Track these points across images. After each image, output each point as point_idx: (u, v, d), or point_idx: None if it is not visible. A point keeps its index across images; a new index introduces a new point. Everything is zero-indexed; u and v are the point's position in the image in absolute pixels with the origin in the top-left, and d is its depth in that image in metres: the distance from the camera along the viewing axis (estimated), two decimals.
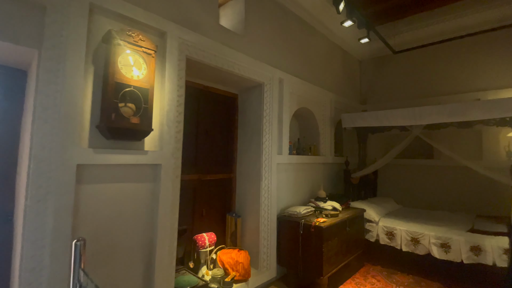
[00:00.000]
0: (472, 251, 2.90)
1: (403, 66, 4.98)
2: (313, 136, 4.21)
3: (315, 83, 4.06)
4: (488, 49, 4.15)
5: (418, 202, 4.61)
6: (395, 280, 3.21)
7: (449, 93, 4.41)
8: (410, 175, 4.77)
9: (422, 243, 3.22)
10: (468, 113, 3.08)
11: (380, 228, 3.59)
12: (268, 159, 3.15)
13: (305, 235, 2.88)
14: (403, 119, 3.56)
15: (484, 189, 3.99)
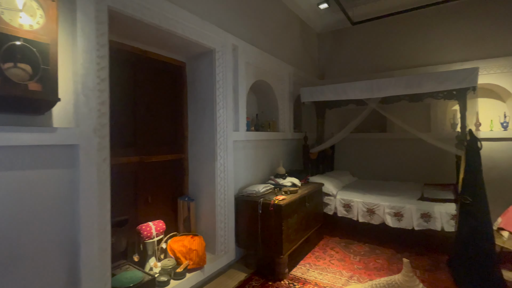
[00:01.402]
0: (423, 218, 3.04)
1: (361, 40, 4.92)
2: (272, 111, 3.99)
3: (274, 54, 3.77)
4: (440, 23, 4.24)
5: (373, 174, 4.78)
6: (352, 250, 3.28)
7: (404, 67, 4.47)
8: (365, 148, 4.89)
9: (377, 213, 3.30)
10: (423, 85, 3.10)
11: (338, 201, 3.61)
12: (224, 136, 2.85)
13: (264, 215, 2.71)
14: (361, 92, 3.49)
15: (432, 159, 4.24)
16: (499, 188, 3.71)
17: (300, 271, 2.81)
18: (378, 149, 4.77)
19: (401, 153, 4.55)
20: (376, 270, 2.79)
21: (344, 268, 2.84)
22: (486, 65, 3.81)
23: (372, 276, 2.65)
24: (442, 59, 4.21)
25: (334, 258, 3.09)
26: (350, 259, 3.05)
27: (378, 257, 3.08)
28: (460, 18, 4.09)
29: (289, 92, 4.15)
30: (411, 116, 4.43)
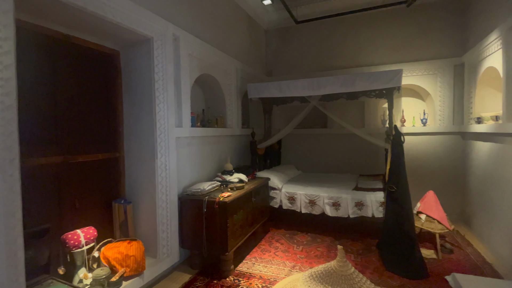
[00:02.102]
0: (357, 206, 3.33)
1: (305, 39, 5.13)
2: (219, 107, 3.91)
3: (220, 48, 3.68)
4: (373, 28, 4.66)
5: (315, 167, 5.08)
6: (296, 240, 3.44)
7: (343, 67, 4.82)
8: (309, 143, 5.17)
9: (317, 204, 3.51)
10: (357, 84, 3.35)
11: (283, 194, 3.74)
12: (164, 132, 2.68)
13: (209, 213, 2.65)
14: (303, 89, 3.64)
15: (366, 152, 4.68)
16: (419, 176, 4.28)
17: (246, 266, 2.84)
18: (319, 143, 5.08)
19: (340, 147, 4.93)
20: (317, 258, 2.97)
21: (287, 259, 2.96)
22: (409, 67, 4.32)
23: (313, 264, 2.81)
24: (374, 61, 4.64)
25: (279, 249, 3.20)
26: (293, 249, 3.20)
27: (318, 245, 3.28)
28: (389, 24, 4.54)
29: (237, 88, 4.12)
30: (348, 113, 4.83)
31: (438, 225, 3.05)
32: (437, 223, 3.07)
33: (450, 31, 4.20)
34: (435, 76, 4.27)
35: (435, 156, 4.33)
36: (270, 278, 2.58)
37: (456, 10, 4.16)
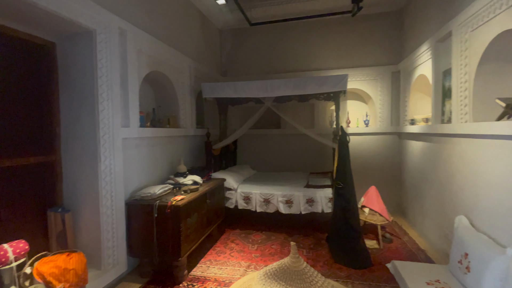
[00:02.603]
0: (308, 203, 3.49)
1: (259, 41, 5.21)
2: (172, 106, 3.76)
3: (172, 45, 3.54)
4: (322, 34, 4.93)
5: (270, 166, 5.22)
6: (251, 239, 3.47)
7: (294, 71, 5.02)
8: (263, 143, 5.28)
9: (272, 202, 3.60)
10: (307, 87, 3.51)
11: (239, 194, 3.75)
12: (109, 133, 2.47)
13: (160, 218, 2.52)
14: (258, 91, 3.69)
15: (316, 151, 4.94)
16: (362, 173, 4.66)
17: (201, 269, 2.78)
18: (274, 143, 5.22)
19: (293, 146, 5.13)
20: (271, 255, 3.04)
21: (243, 259, 2.97)
22: (354, 73, 4.68)
23: (267, 262, 2.87)
24: (322, 65, 4.92)
25: (234, 250, 3.19)
26: (248, 248, 3.22)
27: (273, 243, 3.36)
28: (337, 32, 4.86)
29: (191, 87, 4.00)
30: (299, 115, 5.06)
31: (380, 217, 3.36)
32: (378, 215, 3.38)
33: (389, 41, 4.66)
34: (376, 82, 4.69)
35: (376, 154, 4.77)
36: (225, 280, 2.56)
37: (393, 22, 4.62)
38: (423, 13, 3.66)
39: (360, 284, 2.47)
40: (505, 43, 2.13)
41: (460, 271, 2.20)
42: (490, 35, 2.20)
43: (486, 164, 2.24)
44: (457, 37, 2.66)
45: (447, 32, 2.86)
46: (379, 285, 2.45)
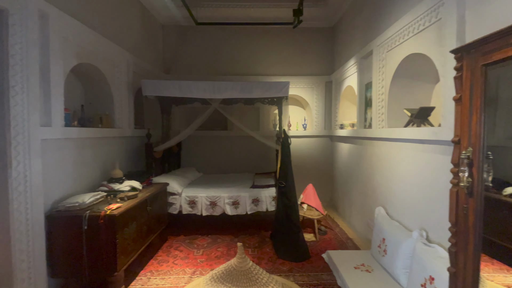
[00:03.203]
0: (253, 203, 3.60)
1: (206, 41, 5.13)
2: (105, 103, 3.40)
3: (107, 36, 3.20)
4: (268, 42, 5.14)
5: (216, 168, 5.18)
6: (196, 244, 3.38)
7: (241, 74, 5.12)
8: (210, 145, 5.21)
9: (218, 204, 3.58)
10: (253, 91, 3.62)
11: (183, 198, 3.61)
12: (23, 133, 2.09)
13: (91, 230, 2.25)
14: (204, 92, 3.63)
15: (262, 152, 5.12)
16: (301, 172, 5.02)
17: (140, 282, 2.58)
18: (220, 145, 5.21)
19: (239, 148, 5.21)
20: (217, 258, 3.02)
21: (187, 266, 2.87)
22: (294, 80, 5.02)
23: (213, 266, 2.84)
24: (267, 71, 5.15)
25: (178, 257, 3.06)
26: (193, 254, 3.14)
27: (219, 245, 3.35)
28: (280, 41, 5.14)
29: (129, 83, 3.69)
30: (245, 117, 5.17)
31: (316, 212, 3.68)
32: (315, 210, 3.69)
33: (323, 54, 5.15)
34: (312, 89, 5.14)
35: (312, 155, 5.21)
36: None
37: (328, 37, 5.13)
38: (350, 32, 4.17)
39: (300, 276, 2.66)
40: (412, 64, 2.60)
41: (379, 254, 2.58)
42: (401, 56, 2.65)
43: (397, 163, 2.68)
44: (376, 55, 3.12)
45: (369, 51, 3.33)
46: (317, 274, 2.69)
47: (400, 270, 2.26)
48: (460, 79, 1.33)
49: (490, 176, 1.41)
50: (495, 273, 1.76)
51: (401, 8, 2.63)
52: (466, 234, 1.31)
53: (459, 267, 1.34)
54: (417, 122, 2.54)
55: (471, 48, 1.26)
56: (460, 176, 1.30)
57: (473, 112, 1.26)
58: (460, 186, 1.31)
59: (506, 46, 1.08)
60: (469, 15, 1.79)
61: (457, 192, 1.34)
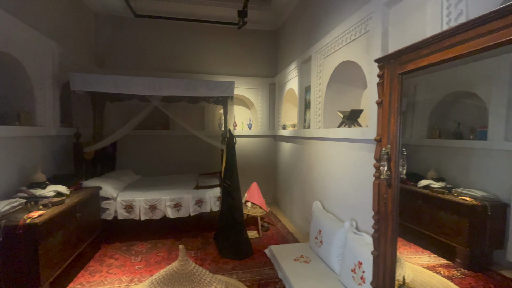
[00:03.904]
0: (197, 204, 3.53)
1: (147, 35, 4.84)
2: (24, 98, 2.96)
3: (25, 20, 2.77)
4: (214, 40, 5.08)
5: (157, 170, 4.92)
6: (134, 251, 3.17)
7: (184, 71, 4.95)
8: (150, 145, 4.93)
9: (159, 208, 3.42)
10: (197, 90, 3.55)
11: (119, 203, 3.35)
12: None
13: (8, 242, 1.94)
14: (143, 88, 3.42)
15: (207, 152, 5.05)
16: (246, 171, 5.12)
17: None
18: (162, 145, 4.97)
19: (183, 148, 5.04)
20: (157, 264, 2.88)
21: (124, 274, 2.68)
22: (239, 81, 5.09)
23: (153, 271, 2.70)
24: (212, 70, 5.10)
25: (113, 266, 2.83)
26: (131, 261, 2.93)
27: (159, 250, 3.20)
28: (226, 40, 5.14)
29: (54, 76, 3.26)
30: (190, 116, 5.04)
31: (259, 209, 3.80)
32: (258, 208, 3.81)
33: (268, 56, 5.34)
34: (257, 91, 5.28)
35: (257, 154, 5.36)
36: None
37: (271, 40, 5.34)
38: (292, 37, 4.42)
39: (243, 273, 2.72)
40: (345, 70, 2.89)
41: (316, 245, 2.81)
42: (335, 62, 2.92)
43: (332, 160, 2.95)
44: (314, 61, 3.38)
45: (308, 56, 3.58)
46: (260, 270, 2.78)
47: (334, 258, 2.49)
48: (382, 85, 1.53)
49: (405, 170, 1.67)
50: (412, 255, 2.07)
51: (336, 18, 2.91)
52: (386, 220, 1.51)
53: (381, 250, 1.55)
54: (348, 123, 2.83)
55: (391, 59, 1.45)
56: (381, 170, 1.49)
57: (391, 114, 1.46)
58: (381, 179, 1.50)
59: (417, 58, 1.26)
60: (391, 29, 2.07)
61: (378, 184, 1.54)
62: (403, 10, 1.95)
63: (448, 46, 1.05)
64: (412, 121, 2.33)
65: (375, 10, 2.16)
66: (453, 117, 2.01)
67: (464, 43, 0.98)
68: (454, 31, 1.01)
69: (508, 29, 0.85)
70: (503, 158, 1.61)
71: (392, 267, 1.45)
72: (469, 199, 1.72)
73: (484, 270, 1.66)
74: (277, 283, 2.53)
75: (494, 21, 0.89)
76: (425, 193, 1.97)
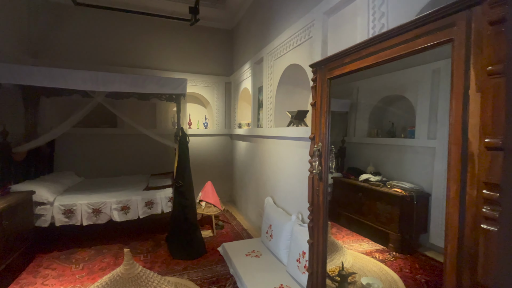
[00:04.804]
0: (147, 206, 3.39)
1: (89, 25, 4.45)
2: None
3: None
4: (165, 35, 4.89)
5: (103, 171, 4.58)
6: (75, 259, 2.93)
7: (133, 66, 4.68)
8: (95, 144, 4.56)
9: (104, 211, 3.20)
10: (146, 86, 3.39)
11: (56, 208, 3.05)
12: None
13: None
14: (85, 83, 3.15)
15: (159, 151, 4.85)
16: (202, 170, 5.06)
17: None
18: (108, 144, 4.64)
19: (132, 148, 4.78)
20: (102, 270, 2.71)
21: (62, 284, 2.46)
22: (194, 78, 5.00)
23: (96, 278, 2.54)
24: (164, 66, 4.91)
25: (49, 277, 2.58)
26: (71, 270, 2.71)
27: (104, 256, 3.00)
28: (179, 36, 4.99)
29: None
30: (140, 113, 4.80)
31: (214, 208, 3.80)
32: (213, 207, 3.81)
33: (223, 55, 5.33)
34: (212, 89, 5.25)
35: (212, 153, 5.33)
36: None
37: (227, 39, 5.33)
38: (246, 38, 4.49)
39: (195, 272, 2.70)
40: (293, 72, 3.04)
41: (267, 239, 2.92)
42: (284, 65, 3.06)
43: (282, 157, 3.09)
44: (266, 62, 3.49)
45: (260, 57, 3.68)
46: (212, 268, 2.79)
47: (282, 250, 2.62)
48: (315, 89, 1.65)
49: (333, 164, 1.84)
50: (354, 243, 2.28)
51: (284, 23, 3.03)
52: (318, 211, 1.64)
53: (315, 238, 1.68)
54: (296, 122, 2.99)
55: (322, 65, 1.58)
56: (313, 165, 1.62)
57: (322, 115, 1.59)
58: (314, 173, 1.63)
59: (342, 65, 1.40)
60: (330, 36, 2.24)
61: (312, 178, 1.67)
62: (340, 19, 2.13)
63: (364, 56, 1.19)
64: (355, 121, 2.56)
65: (316, 18, 2.32)
66: (388, 118, 2.27)
67: (376, 54, 1.13)
68: (368, 43, 1.15)
69: (405, 44, 1.01)
70: (426, 154, 1.86)
71: (324, 253, 1.59)
72: (399, 190, 1.96)
73: (412, 253, 1.91)
74: (228, 279, 2.57)
75: (394, 37, 1.04)
76: (365, 186, 2.18)
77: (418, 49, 0.98)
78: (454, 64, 0.87)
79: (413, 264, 1.87)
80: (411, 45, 0.99)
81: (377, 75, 2.18)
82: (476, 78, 0.80)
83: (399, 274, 1.85)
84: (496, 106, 0.75)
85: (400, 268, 1.88)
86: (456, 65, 0.86)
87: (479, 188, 0.79)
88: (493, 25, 0.76)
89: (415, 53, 1.00)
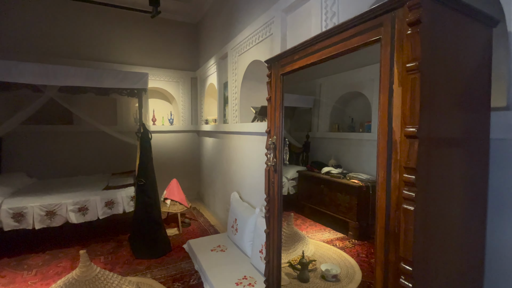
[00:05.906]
0: (107, 206, 3.24)
1: (38, 14, 4.10)
2: None
3: None
4: (125, 27, 4.65)
5: (59, 171, 4.28)
6: (27, 265, 2.73)
7: (91, 59, 4.41)
8: (49, 143, 4.24)
9: (59, 213, 3.01)
10: (104, 80, 3.22)
11: (4, 212, 2.81)
12: None
13: None
14: (35, 77, 2.92)
15: (120, 149, 4.63)
16: (167, 168, 4.95)
17: None
18: (64, 143, 4.34)
19: (90, 146, 4.52)
20: (57, 275, 2.56)
21: None
22: (157, 73, 4.84)
23: (50, 283, 2.39)
24: (125, 60, 4.68)
25: None
26: (23, 276, 2.52)
27: (60, 261, 2.83)
28: (140, 29, 4.78)
29: None
30: (99, 109, 4.54)
31: (180, 206, 3.74)
32: (178, 204, 3.75)
33: (188, 49, 5.22)
34: (178, 84, 5.12)
35: (179, 150, 5.23)
36: None
37: (192, 33, 5.22)
38: (211, 32, 4.44)
39: (159, 270, 2.66)
40: (256, 68, 3.08)
41: (232, 233, 2.95)
42: (248, 61, 3.08)
43: (247, 152, 3.13)
44: (230, 58, 3.49)
45: (225, 53, 3.67)
46: (176, 265, 2.77)
47: (246, 243, 2.67)
48: (270, 84, 1.71)
49: (287, 157, 1.91)
50: (316, 233, 2.38)
51: (247, 19, 3.05)
52: (273, 201, 1.70)
53: (271, 227, 1.74)
54: (260, 118, 3.04)
55: (275, 61, 1.63)
56: (269, 158, 1.67)
57: (276, 109, 1.65)
58: (269, 165, 1.68)
59: (292, 62, 1.46)
60: (289, 33, 2.30)
61: (268, 170, 1.73)
62: (297, 17, 2.21)
63: (310, 53, 1.25)
64: (318, 117, 2.67)
65: (276, 15, 2.37)
66: (348, 113, 2.40)
67: (320, 51, 1.20)
68: (313, 40, 1.22)
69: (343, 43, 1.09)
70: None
71: (278, 242, 1.66)
72: (357, 181, 2.09)
73: (368, 239, 2.06)
74: (193, 275, 2.57)
75: (334, 36, 1.12)
76: (326, 178, 2.30)
77: (354, 47, 1.06)
78: (382, 61, 0.95)
79: (369, 250, 2.01)
80: (348, 43, 1.07)
81: (337, 73, 2.30)
82: (398, 74, 0.89)
83: (356, 260, 1.99)
84: (412, 99, 0.84)
85: (357, 254, 2.02)
86: (383, 62, 0.95)
87: (400, 172, 0.88)
88: (411, 26, 0.85)
89: (352, 51, 1.08)
